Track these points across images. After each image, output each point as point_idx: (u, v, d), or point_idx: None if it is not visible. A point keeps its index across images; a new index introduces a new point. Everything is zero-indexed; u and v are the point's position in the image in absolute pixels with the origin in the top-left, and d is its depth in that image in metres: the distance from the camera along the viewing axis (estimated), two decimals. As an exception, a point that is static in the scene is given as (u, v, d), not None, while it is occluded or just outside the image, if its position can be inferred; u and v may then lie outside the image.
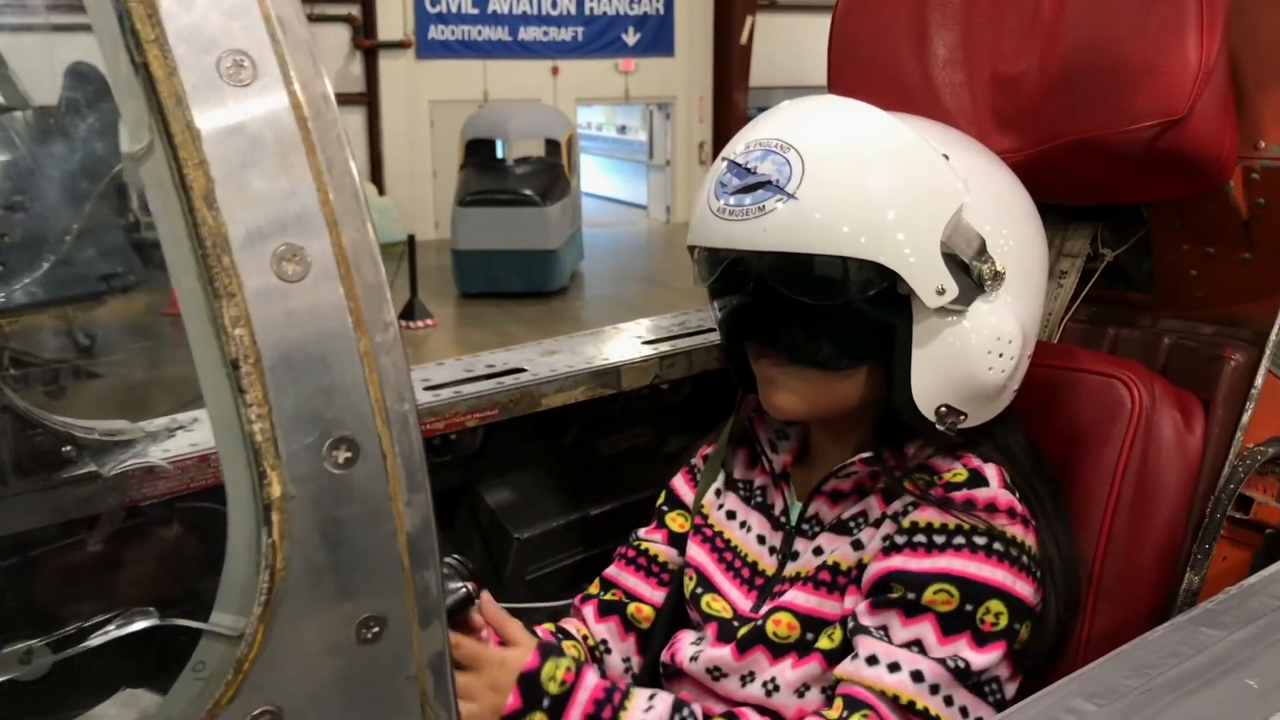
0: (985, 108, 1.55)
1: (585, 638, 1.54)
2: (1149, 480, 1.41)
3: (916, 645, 1.23)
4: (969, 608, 1.23)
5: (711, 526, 1.52)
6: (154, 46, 0.49)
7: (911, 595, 1.25)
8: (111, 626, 0.62)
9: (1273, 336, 1.43)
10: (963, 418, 1.31)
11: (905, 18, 1.61)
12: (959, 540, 1.26)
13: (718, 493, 1.54)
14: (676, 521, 1.59)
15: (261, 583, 0.50)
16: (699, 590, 1.48)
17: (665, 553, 1.58)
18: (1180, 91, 1.34)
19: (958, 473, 1.32)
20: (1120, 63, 1.39)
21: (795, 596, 1.36)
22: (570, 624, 1.56)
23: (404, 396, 0.53)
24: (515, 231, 11.95)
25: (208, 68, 0.49)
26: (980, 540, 1.26)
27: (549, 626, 1.53)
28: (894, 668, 1.22)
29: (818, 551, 1.38)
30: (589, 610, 1.57)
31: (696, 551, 1.51)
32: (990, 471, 1.32)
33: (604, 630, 1.55)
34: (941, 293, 1.24)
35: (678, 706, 1.29)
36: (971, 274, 1.27)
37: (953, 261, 1.25)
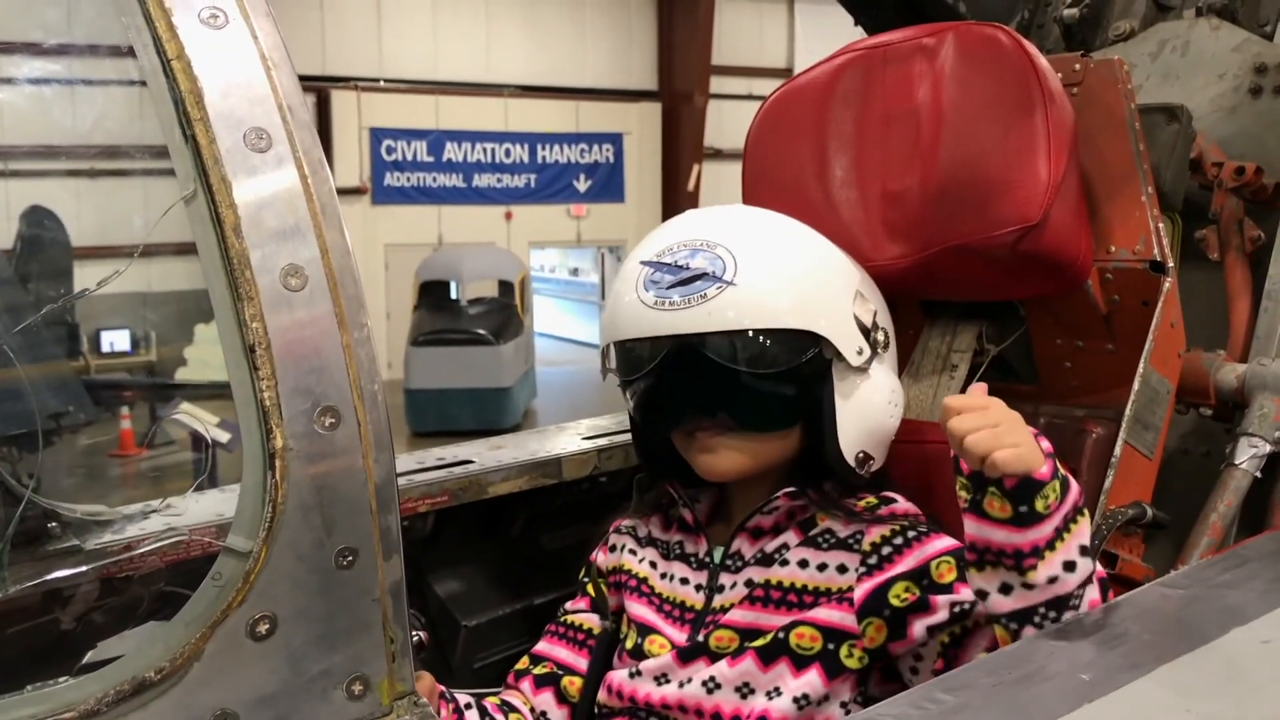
0: (877, 219, 1.78)
1: (532, 709, 1.64)
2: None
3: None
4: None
5: (636, 576, 1.66)
6: (200, 124, 0.68)
7: (925, 581, 1.41)
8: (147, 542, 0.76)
9: (1127, 412, 1.63)
10: (873, 461, 1.54)
11: (807, 143, 1.85)
12: (911, 534, 1.46)
13: (633, 552, 1.69)
14: (598, 588, 1.72)
15: (265, 513, 0.67)
16: (640, 640, 1.59)
17: (589, 619, 1.70)
18: (1034, 201, 1.58)
19: (869, 500, 1.53)
20: (985, 178, 1.62)
21: (734, 615, 1.51)
22: (514, 696, 1.66)
23: (374, 379, 0.71)
24: (469, 370, 12.06)
25: (237, 139, 0.68)
26: (921, 528, 1.47)
27: (494, 700, 1.62)
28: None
29: (749, 583, 1.52)
30: (526, 685, 1.67)
31: (634, 606, 1.63)
32: (893, 493, 1.54)
33: (542, 702, 1.65)
34: (860, 353, 1.51)
35: None
36: (869, 339, 1.52)
37: (860, 327, 1.52)
